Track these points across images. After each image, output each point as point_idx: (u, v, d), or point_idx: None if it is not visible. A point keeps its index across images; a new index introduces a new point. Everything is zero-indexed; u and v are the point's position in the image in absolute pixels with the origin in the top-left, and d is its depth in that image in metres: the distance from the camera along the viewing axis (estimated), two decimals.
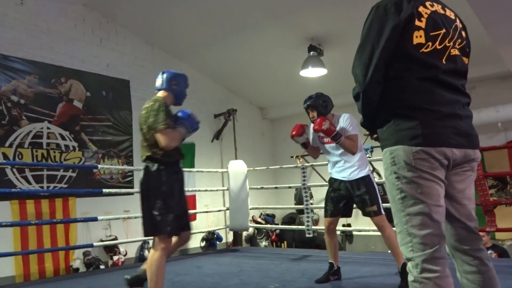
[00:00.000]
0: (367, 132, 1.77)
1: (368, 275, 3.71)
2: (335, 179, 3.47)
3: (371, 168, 7.41)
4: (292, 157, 8.09)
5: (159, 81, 2.89)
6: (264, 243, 8.10)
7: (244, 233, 7.68)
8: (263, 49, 6.87)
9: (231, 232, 7.42)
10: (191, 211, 6.99)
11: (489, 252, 5.35)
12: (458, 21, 1.64)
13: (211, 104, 8.16)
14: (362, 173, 3.32)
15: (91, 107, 6.23)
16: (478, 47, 5.78)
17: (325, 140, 3.42)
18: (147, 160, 2.72)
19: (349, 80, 6.72)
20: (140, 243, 6.42)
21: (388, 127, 1.56)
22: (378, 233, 7.82)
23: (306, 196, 5.42)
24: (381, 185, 7.17)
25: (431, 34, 1.52)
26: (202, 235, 7.31)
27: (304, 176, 5.40)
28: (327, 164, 6.59)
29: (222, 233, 7.60)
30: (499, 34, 4.30)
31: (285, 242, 8.38)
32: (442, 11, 1.59)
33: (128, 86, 6.72)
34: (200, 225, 7.30)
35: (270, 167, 6.62)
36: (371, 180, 3.34)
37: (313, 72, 6.58)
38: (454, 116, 1.51)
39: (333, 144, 3.35)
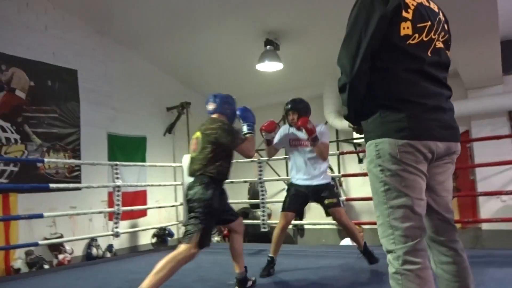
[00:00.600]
0: (352, 125, 1.74)
1: (327, 266, 3.75)
2: (298, 185, 3.56)
3: None
4: None
5: (212, 105, 3.05)
6: (216, 238, 8.01)
7: None
8: (219, 42, 6.76)
9: (183, 228, 7.27)
10: (141, 207, 6.83)
11: None
12: (441, 14, 1.66)
13: (164, 97, 7.95)
14: (325, 180, 3.51)
15: (35, 98, 5.84)
16: None
17: (299, 142, 3.52)
18: (200, 175, 2.85)
19: (305, 76, 6.87)
20: (87, 241, 6.14)
21: (374, 119, 1.55)
22: (329, 226, 8.00)
23: (262, 191, 5.41)
24: (332, 179, 7.31)
25: (418, 25, 1.52)
26: (153, 231, 7.11)
27: (261, 171, 5.39)
28: (281, 159, 6.65)
29: (173, 229, 7.44)
30: (453, 33, 4.48)
31: None
32: (426, 3, 1.61)
33: (76, 76, 6.37)
34: (152, 221, 7.10)
35: None
36: (331, 184, 3.61)
37: (269, 67, 6.57)
38: (439, 109, 1.52)
39: (306, 149, 3.46)
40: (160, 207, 7.02)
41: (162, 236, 7.20)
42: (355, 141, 7.40)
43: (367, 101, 1.57)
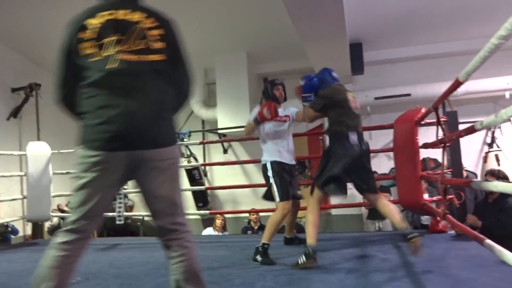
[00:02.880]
0: None
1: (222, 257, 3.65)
2: (287, 164, 3.50)
3: (189, 153, 7.47)
4: None
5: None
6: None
7: (47, 224, 6.86)
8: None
9: (30, 224, 6.53)
10: None
11: None
12: (147, 21, 1.72)
13: (8, 76, 6.98)
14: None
15: None
16: (287, 43, 6.35)
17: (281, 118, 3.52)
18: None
19: None
20: None
21: None
22: (194, 217, 7.96)
23: None
24: (196, 168, 7.28)
25: (98, 43, 1.65)
26: None
27: None
28: None
29: (19, 225, 6.63)
30: (306, 32, 4.74)
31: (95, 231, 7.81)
32: (122, 17, 1.69)
33: None
34: None
35: None
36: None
37: None
38: (116, 119, 1.60)
39: (286, 124, 3.53)
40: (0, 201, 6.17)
41: (3, 234, 6.36)
42: (219, 131, 7.45)
43: None
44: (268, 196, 3.50)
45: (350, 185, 3.11)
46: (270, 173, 3.39)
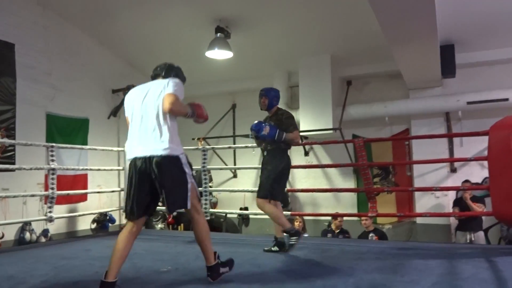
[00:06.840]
0: None
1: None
2: None
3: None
4: (193, 139, 7.96)
5: None
6: (160, 225, 7.90)
7: None
8: (169, 25, 6.59)
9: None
10: (79, 191, 6.57)
11: (370, 235, 5.83)
12: None
13: (109, 78, 7.67)
14: None
15: None
16: (373, 46, 6.23)
17: None
18: None
19: (254, 65, 6.81)
20: (20, 225, 5.85)
21: None
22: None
23: (205, 179, 5.37)
24: None
25: None
26: (93, 216, 6.90)
27: (205, 159, 5.34)
28: (227, 148, 6.63)
29: (115, 215, 7.25)
30: (394, 35, 4.61)
31: (182, 225, 8.27)
32: None
33: (12, 50, 5.98)
34: (92, 206, 6.88)
35: None
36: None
37: (219, 54, 6.49)
38: None
39: None
40: (99, 192, 6.80)
41: (103, 222, 7.00)
42: (301, 133, 7.49)
43: None
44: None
45: None
46: (187, 169, 2.76)
